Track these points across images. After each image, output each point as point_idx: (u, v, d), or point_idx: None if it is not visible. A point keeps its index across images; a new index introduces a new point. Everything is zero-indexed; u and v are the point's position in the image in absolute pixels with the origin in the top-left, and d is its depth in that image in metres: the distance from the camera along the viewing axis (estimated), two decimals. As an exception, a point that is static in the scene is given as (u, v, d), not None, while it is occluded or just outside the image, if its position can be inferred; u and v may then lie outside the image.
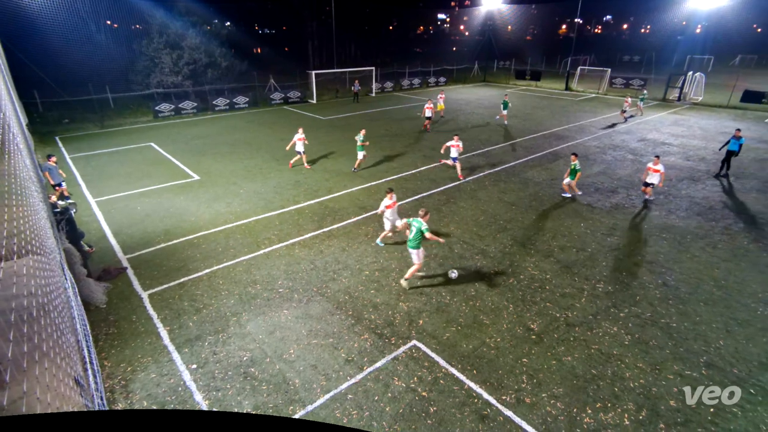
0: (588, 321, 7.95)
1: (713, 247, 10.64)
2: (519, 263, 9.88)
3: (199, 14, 32.65)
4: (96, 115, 24.31)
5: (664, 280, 9.23)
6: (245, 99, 29.20)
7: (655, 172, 12.64)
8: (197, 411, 1.04)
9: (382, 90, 37.82)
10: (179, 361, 6.91)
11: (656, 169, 12.61)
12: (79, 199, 13.13)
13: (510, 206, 12.92)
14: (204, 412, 0.76)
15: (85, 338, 6.31)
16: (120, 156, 18.00)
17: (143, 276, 9.26)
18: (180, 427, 0.68)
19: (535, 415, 6.00)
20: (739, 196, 13.82)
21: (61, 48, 26.42)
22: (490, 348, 7.26)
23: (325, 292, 8.75)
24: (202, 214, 12.32)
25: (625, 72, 41.99)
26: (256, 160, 17.33)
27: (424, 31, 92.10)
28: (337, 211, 12.58)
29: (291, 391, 6.35)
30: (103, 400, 5.84)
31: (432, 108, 22.80)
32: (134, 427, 0.67)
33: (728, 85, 32.25)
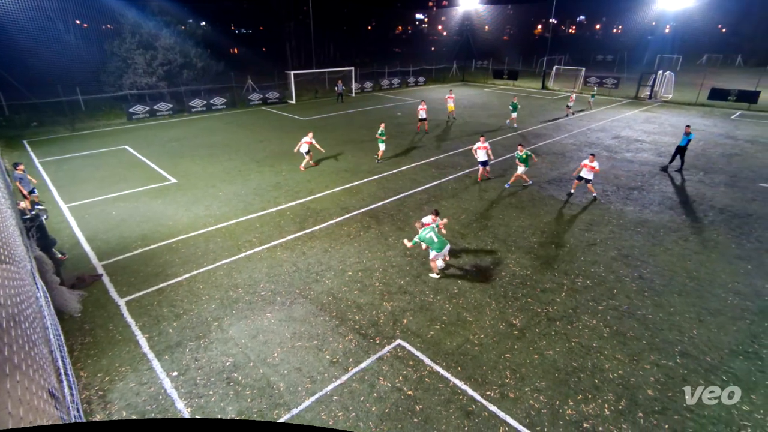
0: (568, 315, 8.12)
1: (685, 240, 11.01)
2: (500, 260, 10.02)
3: (173, 14, 31.93)
4: (66, 117, 23.50)
5: (639, 273, 9.51)
6: (223, 100, 28.72)
7: (592, 169, 12.93)
8: (179, 419, 1.02)
9: (362, 90, 37.77)
10: (159, 369, 6.75)
11: (592, 166, 12.91)
12: (51, 204, 12.69)
13: (491, 204, 13.09)
14: (186, 420, 0.74)
15: (60, 349, 6.10)
16: (93, 160, 17.46)
17: (120, 283, 9.01)
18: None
19: (518, 409, 6.09)
20: (708, 191, 14.35)
21: (28, 48, 25.43)
22: (474, 345, 7.34)
23: (309, 294, 8.68)
24: (181, 217, 12.06)
25: (598, 71, 43.06)
26: (235, 162, 17.07)
27: (403, 31, 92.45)
28: (319, 212, 12.50)
29: (275, 395, 6.28)
30: (80, 411, 5.65)
31: (425, 109, 21.56)
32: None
33: (696, 83, 33.43)
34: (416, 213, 12.38)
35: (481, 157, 14.52)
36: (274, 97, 31.56)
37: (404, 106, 30.43)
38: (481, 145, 14.40)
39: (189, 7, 34.90)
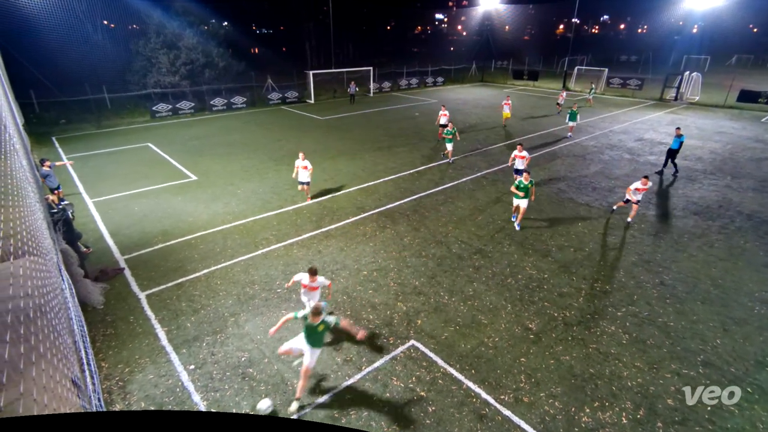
0: (586, 320, 7.97)
1: (710, 246, 10.68)
2: (517, 263, 9.89)
3: (197, 14, 32.56)
4: (93, 115, 24.22)
5: (661, 279, 9.26)
6: (243, 99, 29.15)
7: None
8: (195, 412, 1.04)
9: (380, 90, 37.81)
10: (177, 362, 6.89)
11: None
12: (77, 199, 13.08)
13: (508, 206, 12.93)
14: (202, 412, 0.76)
15: (83, 339, 6.29)
16: (117, 156, 17.95)
17: (141, 276, 9.23)
18: (178, 428, 0.68)
19: (533, 414, 6.01)
20: (736, 196, 13.88)
21: (58, 48, 26.29)
22: (489, 348, 7.27)
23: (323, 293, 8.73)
24: (200, 214, 12.29)
25: (622, 72, 42.11)
26: (253, 161, 17.31)
27: (422, 31, 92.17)
28: (335, 211, 12.57)
29: (289, 392, 6.35)
30: (101, 401, 5.82)
31: (447, 114, 19.66)
32: (132, 428, 0.67)
33: (725, 84, 32.40)
34: (432, 214, 12.34)
35: (519, 166, 13.44)
36: (293, 97, 31.88)
37: (422, 107, 30.34)
38: (519, 153, 13.36)
39: (212, 7, 35.54)
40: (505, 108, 23.24)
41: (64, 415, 0.69)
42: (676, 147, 15.41)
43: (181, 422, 0.69)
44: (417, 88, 40.54)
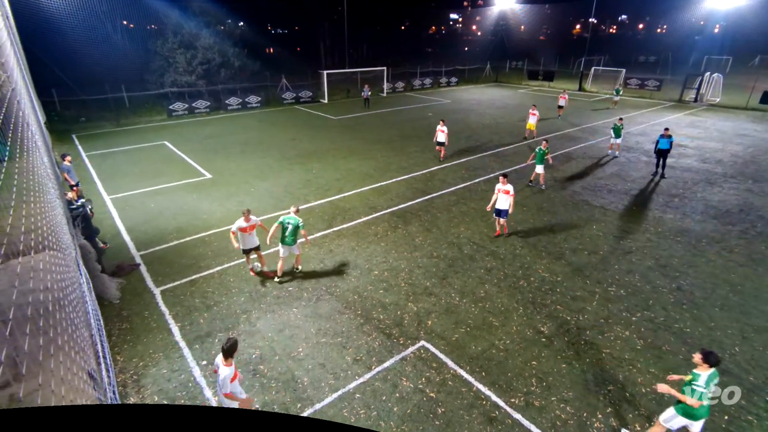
0: (599, 324, 7.85)
1: (729, 252, 10.42)
2: (529, 265, 9.79)
3: (213, 14, 33.02)
4: (112, 113, 24.72)
5: (678, 284, 9.07)
6: (257, 98, 29.43)
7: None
8: (207, 407, 1.05)
9: (393, 90, 37.79)
10: (190, 357, 6.99)
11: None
12: (95, 196, 13.37)
13: (521, 207, 12.80)
14: (214, 408, 0.77)
15: (99, 333, 6.43)
16: (135, 154, 18.29)
17: (156, 272, 9.39)
18: (190, 422, 0.69)
19: (544, 418, 5.94)
20: (757, 200, 13.51)
21: (79, 47, 26.94)
22: (500, 350, 7.21)
23: (334, 292, 8.77)
24: (214, 212, 12.45)
25: (640, 72, 41.32)
26: (267, 159, 17.46)
27: (437, 31, 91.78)
28: (347, 210, 12.61)
29: (299, 389, 6.39)
30: (116, 394, 5.93)
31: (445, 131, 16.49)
32: (146, 421, 0.68)
33: (747, 86, 31.53)
34: (444, 214, 12.29)
35: (501, 205, 10.68)
36: (306, 96, 32.08)
37: (435, 107, 30.24)
38: (503, 188, 10.58)
39: (228, 7, 35.97)
40: (530, 118, 20.12)
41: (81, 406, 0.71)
42: (666, 147, 15.06)
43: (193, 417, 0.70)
44: (431, 88, 40.41)
